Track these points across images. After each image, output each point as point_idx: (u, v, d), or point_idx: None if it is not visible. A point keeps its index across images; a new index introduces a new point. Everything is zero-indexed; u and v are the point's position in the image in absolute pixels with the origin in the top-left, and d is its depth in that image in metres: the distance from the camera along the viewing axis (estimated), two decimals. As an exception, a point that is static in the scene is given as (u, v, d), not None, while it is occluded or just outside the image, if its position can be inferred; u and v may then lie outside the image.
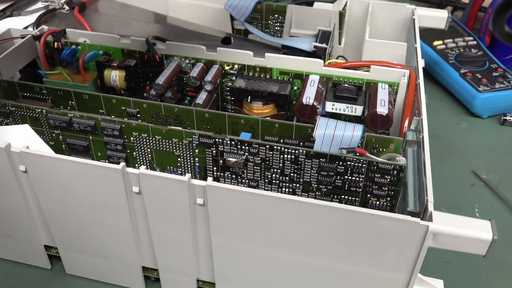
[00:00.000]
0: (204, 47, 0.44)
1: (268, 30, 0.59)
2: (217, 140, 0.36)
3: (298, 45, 0.48)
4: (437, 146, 0.52)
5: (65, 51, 0.46)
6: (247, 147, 0.35)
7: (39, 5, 0.59)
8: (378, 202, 0.36)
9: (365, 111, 0.39)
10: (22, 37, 0.47)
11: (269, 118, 0.39)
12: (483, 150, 0.52)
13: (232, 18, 0.58)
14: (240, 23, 0.57)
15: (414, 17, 0.52)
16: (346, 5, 0.56)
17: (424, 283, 0.30)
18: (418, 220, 0.26)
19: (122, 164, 0.30)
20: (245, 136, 0.37)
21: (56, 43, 0.46)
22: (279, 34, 0.58)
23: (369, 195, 0.35)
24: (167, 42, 0.45)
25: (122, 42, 0.46)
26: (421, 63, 0.42)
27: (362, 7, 0.56)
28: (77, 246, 0.36)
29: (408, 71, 0.41)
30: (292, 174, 0.36)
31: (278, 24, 0.58)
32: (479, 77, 0.57)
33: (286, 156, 0.35)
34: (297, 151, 0.34)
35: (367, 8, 0.55)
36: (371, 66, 0.41)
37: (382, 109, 0.37)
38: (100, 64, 0.45)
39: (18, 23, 0.54)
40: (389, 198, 0.35)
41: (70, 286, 0.38)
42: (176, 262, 0.34)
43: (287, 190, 0.37)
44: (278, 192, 0.37)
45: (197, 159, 0.38)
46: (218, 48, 0.44)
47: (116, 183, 0.30)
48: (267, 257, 0.31)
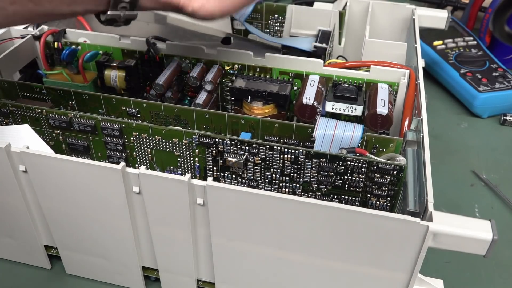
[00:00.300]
0: (204, 47, 0.44)
1: (268, 30, 0.59)
2: (217, 140, 0.36)
3: (298, 45, 0.48)
4: (437, 146, 0.52)
5: (65, 51, 0.46)
6: (247, 147, 0.35)
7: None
8: (378, 202, 0.36)
9: (365, 111, 0.39)
10: (22, 37, 0.47)
11: (269, 118, 0.39)
12: (483, 150, 0.52)
13: (232, 18, 0.58)
14: (240, 23, 0.56)
15: (414, 17, 0.52)
16: (346, 5, 0.56)
17: (424, 283, 0.30)
18: (418, 220, 0.26)
19: (122, 164, 0.30)
20: (245, 136, 0.37)
21: (56, 43, 0.46)
22: (279, 34, 0.58)
23: (369, 195, 0.35)
24: (167, 42, 0.45)
25: (122, 42, 0.46)
26: (421, 63, 0.42)
27: (362, 7, 0.56)
28: (77, 246, 0.36)
29: (408, 71, 0.41)
30: (292, 174, 0.36)
31: (278, 24, 0.58)
32: (479, 77, 0.57)
33: (286, 156, 0.35)
34: (297, 151, 0.34)
35: (367, 8, 0.55)
36: (371, 66, 0.41)
37: (382, 109, 0.37)
38: (100, 64, 0.45)
39: (18, 23, 0.54)
40: (389, 198, 0.35)
41: (70, 286, 0.38)
42: (176, 262, 0.34)
43: (287, 190, 0.37)
44: (278, 192, 0.37)
45: (197, 159, 0.38)
46: (218, 48, 0.44)
47: (116, 183, 0.30)
48: (267, 257, 0.31)
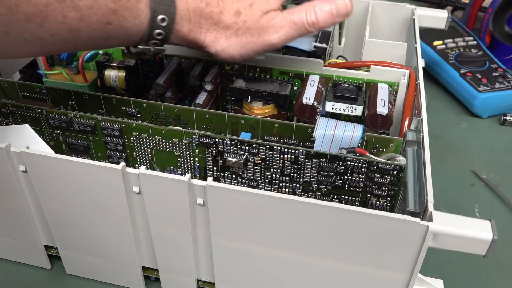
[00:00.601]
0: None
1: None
2: (217, 140, 0.36)
3: (298, 45, 0.48)
4: (437, 146, 0.52)
5: (65, 51, 0.46)
6: (247, 147, 0.35)
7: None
8: (378, 202, 0.36)
9: (365, 111, 0.39)
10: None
11: (269, 118, 0.39)
12: (483, 150, 0.52)
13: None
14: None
15: (414, 17, 0.52)
16: (346, 5, 0.56)
17: (424, 283, 0.30)
18: (418, 220, 0.26)
19: (122, 164, 0.30)
20: (245, 136, 0.37)
21: (56, 43, 0.46)
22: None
23: (369, 195, 0.35)
24: (167, 42, 0.45)
25: (122, 42, 0.46)
26: (421, 63, 0.42)
27: (362, 7, 0.56)
28: (77, 246, 0.36)
29: (408, 71, 0.41)
30: (292, 174, 0.36)
31: (278, 24, 0.58)
32: (479, 77, 0.57)
33: (286, 156, 0.35)
34: (297, 151, 0.34)
35: (367, 8, 0.55)
36: (371, 66, 0.41)
37: (382, 109, 0.37)
38: (100, 64, 0.45)
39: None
40: (389, 198, 0.35)
41: (70, 286, 0.38)
42: (176, 262, 0.34)
43: (287, 190, 0.37)
44: (278, 192, 0.37)
45: (197, 159, 0.38)
46: (218, 48, 0.44)
47: (116, 183, 0.30)
48: (267, 257, 0.31)
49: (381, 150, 0.37)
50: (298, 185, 0.37)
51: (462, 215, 0.27)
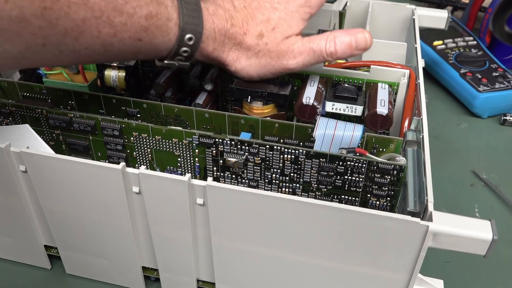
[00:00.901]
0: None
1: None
2: (217, 140, 0.36)
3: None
4: (437, 146, 0.52)
5: (65, 51, 0.46)
6: (247, 147, 0.35)
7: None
8: (378, 202, 0.36)
9: (365, 111, 0.39)
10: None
11: (269, 118, 0.39)
12: (483, 150, 0.52)
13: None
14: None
15: (414, 17, 0.52)
16: (346, 5, 0.56)
17: (424, 283, 0.30)
18: (418, 220, 0.26)
19: (122, 164, 0.30)
20: (245, 136, 0.37)
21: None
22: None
23: (369, 195, 0.35)
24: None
25: (122, 42, 0.46)
26: (421, 63, 0.42)
27: (362, 7, 0.56)
28: (77, 246, 0.36)
29: (408, 71, 0.41)
30: (292, 174, 0.36)
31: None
32: (479, 77, 0.57)
33: (286, 156, 0.35)
34: (297, 151, 0.34)
35: (367, 8, 0.55)
36: (371, 66, 0.41)
37: (382, 109, 0.37)
38: (100, 64, 0.45)
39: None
40: (389, 198, 0.35)
41: (70, 286, 0.38)
42: (176, 262, 0.34)
43: (287, 190, 0.37)
44: (278, 192, 0.37)
45: (197, 159, 0.38)
46: (218, 48, 0.44)
47: (116, 183, 0.30)
48: (267, 257, 0.31)
49: (381, 150, 0.37)
50: (298, 185, 0.37)
51: (462, 215, 0.27)
